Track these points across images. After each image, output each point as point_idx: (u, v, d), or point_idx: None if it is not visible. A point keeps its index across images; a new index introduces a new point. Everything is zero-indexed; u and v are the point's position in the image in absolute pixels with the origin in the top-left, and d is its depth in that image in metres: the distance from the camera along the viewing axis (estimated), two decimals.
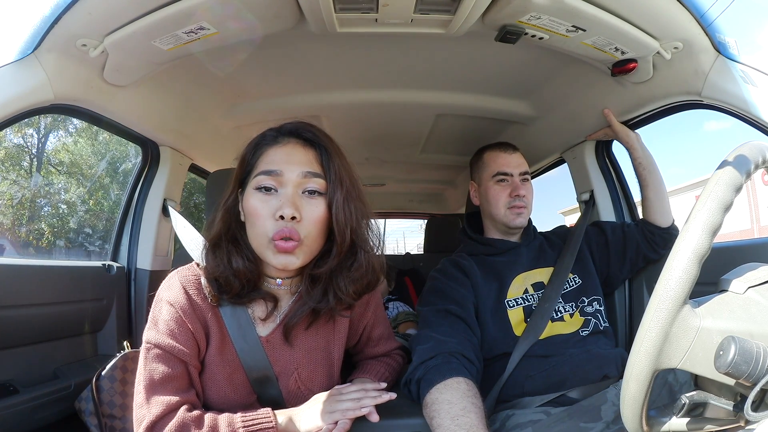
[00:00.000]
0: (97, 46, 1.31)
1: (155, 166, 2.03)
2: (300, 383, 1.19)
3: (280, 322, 1.18)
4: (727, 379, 0.68)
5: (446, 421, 1.05)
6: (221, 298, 1.12)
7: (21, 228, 7.86)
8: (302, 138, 1.14)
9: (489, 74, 1.85)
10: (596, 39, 1.38)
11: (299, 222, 1.05)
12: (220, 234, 1.13)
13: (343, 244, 1.11)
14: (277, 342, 1.18)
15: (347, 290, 1.15)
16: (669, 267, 0.71)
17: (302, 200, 1.08)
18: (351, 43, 1.62)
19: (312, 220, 1.08)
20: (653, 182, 1.68)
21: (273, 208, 1.05)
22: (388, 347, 1.40)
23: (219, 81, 1.83)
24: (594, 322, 1.52)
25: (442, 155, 2.95)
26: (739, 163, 0.73)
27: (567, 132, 2.11)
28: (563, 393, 1.36)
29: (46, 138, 9.02)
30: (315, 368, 1.21)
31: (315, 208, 1.08)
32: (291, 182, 1.08)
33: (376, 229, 1.21)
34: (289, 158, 1.10)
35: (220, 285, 1.11)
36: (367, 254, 1.16)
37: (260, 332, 1.17)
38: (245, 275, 1.11)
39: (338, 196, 1.09)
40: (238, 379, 1.15)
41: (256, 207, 1.07)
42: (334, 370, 1.26)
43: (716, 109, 1.40)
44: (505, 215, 1.63)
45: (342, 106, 2.07)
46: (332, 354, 1.25)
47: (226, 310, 1.14)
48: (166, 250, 2.10)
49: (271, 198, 1.07)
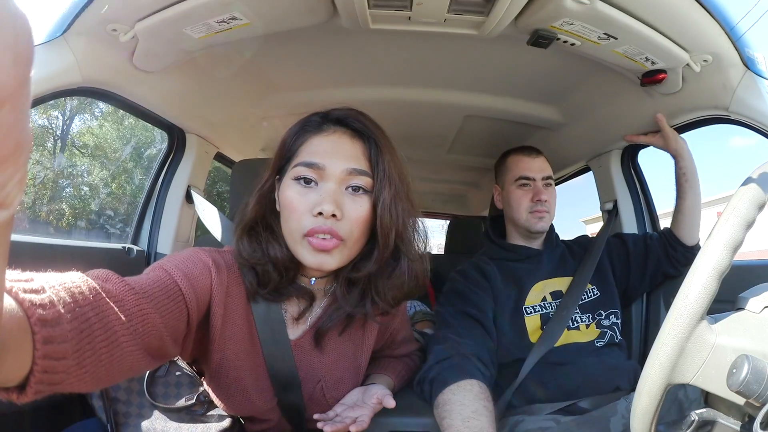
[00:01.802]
0: (128, 31, 1.31)
1: (181, 152, 2.04)
2: (325, 391, 1.11)
3: (312, 325, 1.10)
4: (738, 398, 0.67)
5: (457, 422, 1.05)
6: (258, 293, 1.01)
7: (42, 208, 7.97)
8: (350, 128, 1.02)
9: (519, 78, 1.84)
10: (627, 48, 1.37)
11: (339, 221, 0.94)
12: (255, 219, 1.02)
13: (386, 249, 1.00)
14: (306, 346, 1.09)
15: (386, 296, 1.05)
16: (689, 282, 0.70)
17: (345, 197, 0.97)
18: (383, 40, 1.62)
19: (354, 219, 0.96)
20: (692, 196, 1.61)
21: (311, 203, 0.94)
22: (408, 349, 1.39)
23: (248, 71, 1.83)
24: (610, 334, 1.51)
25: (469, 156, 2.94)
26: (763, 181, 0.72)
27: (594, 140, 2.09)
28: (574, 402, 1.35)
29: (71, 120, 9.15)
30: (342, 376, 1.13)
31: (359, 206, 0.97)
32: (334, 177, 0.96)
33: (423, 230, 1.08)
34: (334, 150, 0.98)
35: (258, 276, 1.00)
36: (410, 261, 1.04)
37: (290, 335, 1.07)
38: (283, 264, 0.99)
39: (385, 195, 0.98)
40: (263, 384, 1.07)
41: (293, 200, 0.96)
42: (359, 379, 1.18)
43: (743, 125, 1.38)
44: (527, 219, 1.62)
45: (371, 102, 2.06)
46: (360, 361, 1.17)
47: (260, 309, 1.04)
48: (188, 237, 2.11)
49: (311, 192, 0.96)
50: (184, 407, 1.12)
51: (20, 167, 0.29)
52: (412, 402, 1.25)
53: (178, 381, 1.15)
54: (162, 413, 1.13)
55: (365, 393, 1.12)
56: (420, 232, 1.08)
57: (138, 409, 1.14)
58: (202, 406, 1.13)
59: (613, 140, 1.96)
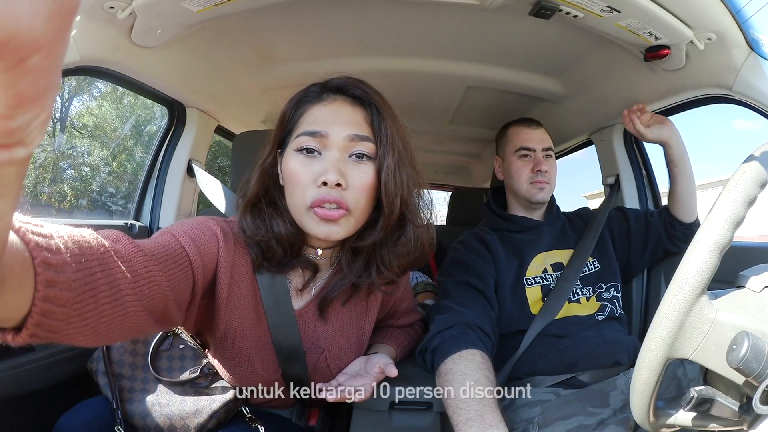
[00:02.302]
0: (125, 8, 1.29)
1: (181, 127, 2.04)
2: (329, 361, 1.12)
3: (316, 295, 1.10)
4: (737, 376, 0.68)
5: (459, 392, 1.06)
6: (262, 265, 1.02)
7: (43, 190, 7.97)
8: (350, 95, 1.01)
9: (521, 49, 1.83)
10: (630, 21, 1.35)
11: (344, 189, 0.93)
12: (258, 195, 1.02)
13: (391, 216, 0.99)
14: (310, 316, 1.10)
15: (391, 265, 1.05)
16: (689, 255, 0.70)
17: (348, 165, 0.96)
18: (384, 10, 1.60)
19: (359, 187, 0.95)
20: (683, 180, 1.62)
21: (315, 173, 0.94)
22: (411, 319, 1.40)
23: (248, 43, 1.82)
24: (610, 308, 1.51)
25: (470, 128, 2.94)
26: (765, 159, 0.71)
27: (596, 114, 2.09)
28: (574, 375, 1.36)
29: (69, 102, 9.11)
30: (345, 346, 1.14)
31: (363, 174, 0.96)
32: (336, 145, 0.95)
33: (428, 198, 1.08)
34: (336, 118, 0.97)
35: (262, 251, 1.00)
36: (416, 228, 1.04)
37: (294, 305, 1.08)
38: (288, 240, 1.00)
39: (389, 161, 0.97)
40: (267, 355, 1.07)
41: (297, 171, 0.95)
42: (362, 349, 1.19)
43: (746, 106, 1.38)
44: (528, 190, 1.63)
45: (372, 72, 2.03)
46: (363, 331, 1.18)
47: (264, 280, 1.04)
48: (189, 211, 2.12)
49: (314, 162, 0.95)
50: (188, 380, 1.13)
51: (46, 108, 0.29)
52: (415, 372, 1.26)
53: (182, 354, 1.16)
54: (166, 387, 1.14)
55: (367, 362, 1.12)
56: (425, 199, 1.07)
57: (142, 384, 1.15)
58: (206, 379, 1.14)
59: (615, 114, 1.95)
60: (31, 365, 1.38)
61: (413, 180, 1.02)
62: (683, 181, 1.62)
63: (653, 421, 0.79)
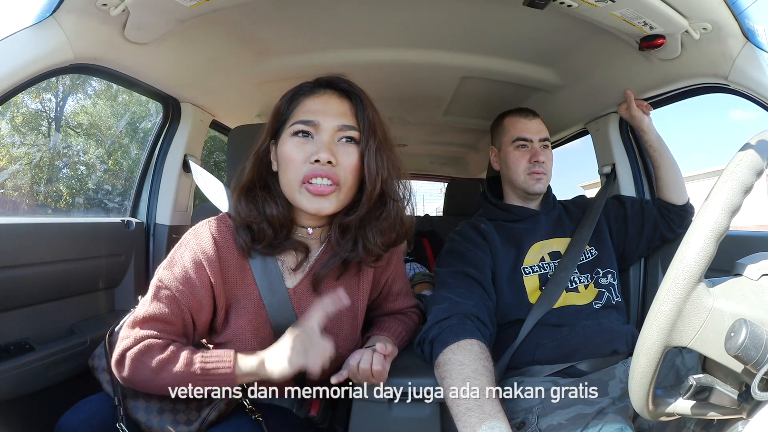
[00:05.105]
0: (118, 5, 1.29)
1: (176, 122, 2.04)
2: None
3: (309, 271, 1.20)
4: (735, 364, 0.68)
5: (457, 382, 1.07)
6: (253, 248, 1.14)
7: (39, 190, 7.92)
8: (338, 89, 1.17)
9: (516, 39, 1.83)
10: (625, 11, 1.35)
11: (335, 167, 1.08)
12: (252, 180, 1.15)
13: (373, 192, 1.13)
14: (304, 292, 1.19)
15: (376, 241, 1.17)
16: (686, 242, 0.70)
17: (338, 147, 1.11)
18: (377, 2, 1.61)
19: (347, 165, 1.10)
20: (665, 162, 1.71)
21: (308, 153, 1.08)
22: (406, 303, 1.42)
23: (242, 37, 1.82)
24: (607, 295, 1.51)
25: (466, 118, 2.94)
26: (761, 148, 0.72)
27: (592, 103, 2.08)
28: (572, 364, 1.37)
29: (64, 101, 9.04)
30: (339, 319, 1.21)
31: (350, 154, 1.11)
32: (327, 132, 1.10)
33: (406, 183, 1.24)
34: (326, 108, 1.13)
35: (253, 233, 1.13)
36: (396, 204, 1.19)
37: (288, 284, 1.19)
38: (278, 221, 1.13)
39: (371, 144, 1.12)
40: (265, 332, 1.16)
41: (292, 151, 1.10)
42: (357, 322, 1.27)
43: (741, 95, 1.39)
44: (525, 181, 1.62)
45: (367, 64, 2.04)
46: (356, 305, 1.26)
47: (257, 263, 1.16)
48: (186, 206, 2.12)
49: (307, 143, 1.10)
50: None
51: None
52: (413, 363, 1.27)
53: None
54: None
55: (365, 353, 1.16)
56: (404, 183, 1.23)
57: None
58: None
59: (611, 103, 1.94)
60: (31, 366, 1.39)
61: (392, 163, 1.17)
62: (666, 162, 1.70)
63: (652, 410, 0.79)
